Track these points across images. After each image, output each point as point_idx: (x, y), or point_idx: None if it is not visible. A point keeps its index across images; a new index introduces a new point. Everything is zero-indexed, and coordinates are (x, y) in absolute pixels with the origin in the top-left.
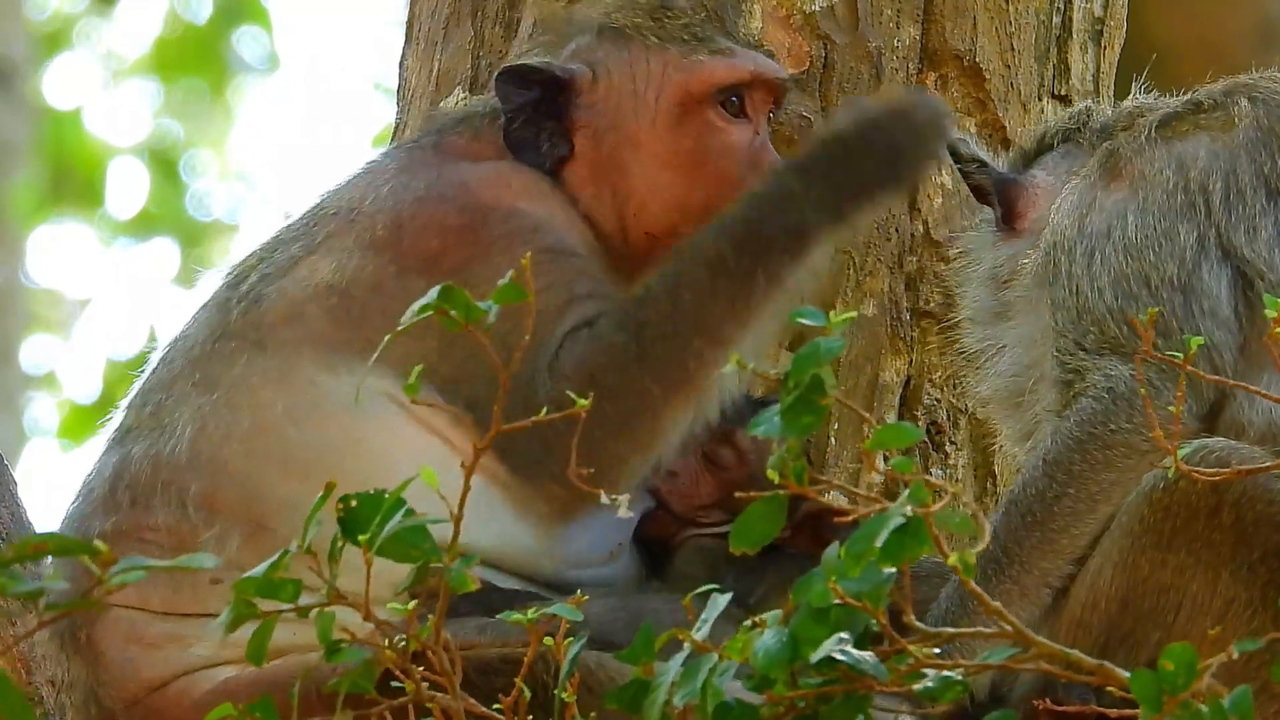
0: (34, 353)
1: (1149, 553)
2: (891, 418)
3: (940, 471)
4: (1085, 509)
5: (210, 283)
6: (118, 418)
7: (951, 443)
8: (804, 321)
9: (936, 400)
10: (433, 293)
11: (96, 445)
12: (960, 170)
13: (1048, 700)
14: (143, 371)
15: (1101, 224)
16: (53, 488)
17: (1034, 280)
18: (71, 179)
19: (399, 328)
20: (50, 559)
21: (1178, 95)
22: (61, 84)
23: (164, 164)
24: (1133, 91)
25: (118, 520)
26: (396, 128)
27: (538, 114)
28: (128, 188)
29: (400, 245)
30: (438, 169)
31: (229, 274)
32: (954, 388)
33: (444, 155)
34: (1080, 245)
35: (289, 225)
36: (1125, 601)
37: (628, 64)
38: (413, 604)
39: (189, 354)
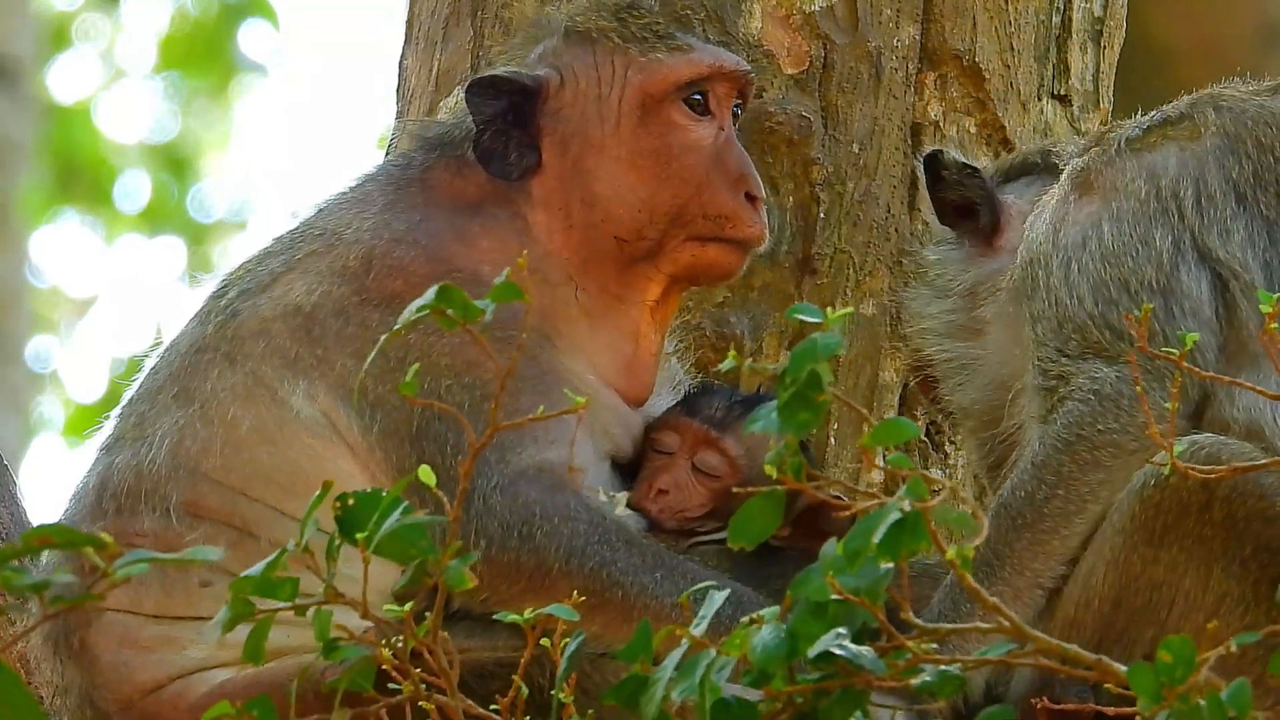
0: (39, 351)
1: (1141, 550)
2: (891, 417)
3: (940, 471)
4: (1075, 510)
5: (203, 290)
6: (107, 426)
7: (951, 442)
8: (801, 318)
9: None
10: (430, 293)
11: (88, 452)
12: (943, 179)
13: (1045, 699)
14: (134, 379)
15: (1076, 235)
16: (57, 486)
17: (1010, 296)
18: (77, 177)
19: (395, 327)
20: (43, 562)
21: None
22: (67, 81)
23: (169, 161)
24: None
25: (105, 526)
26: (395, 128)
27: (506, 123)
28: (133, 185)
29: (367, 278)
30: (422, 211)
31: (217, 284)
32: None
33: (429, 194)
34: (1056, 257)
35: (279, 236)
36: (1118, 599)
37: (592, 67)
38: (410, 605)
39: (171, 365)
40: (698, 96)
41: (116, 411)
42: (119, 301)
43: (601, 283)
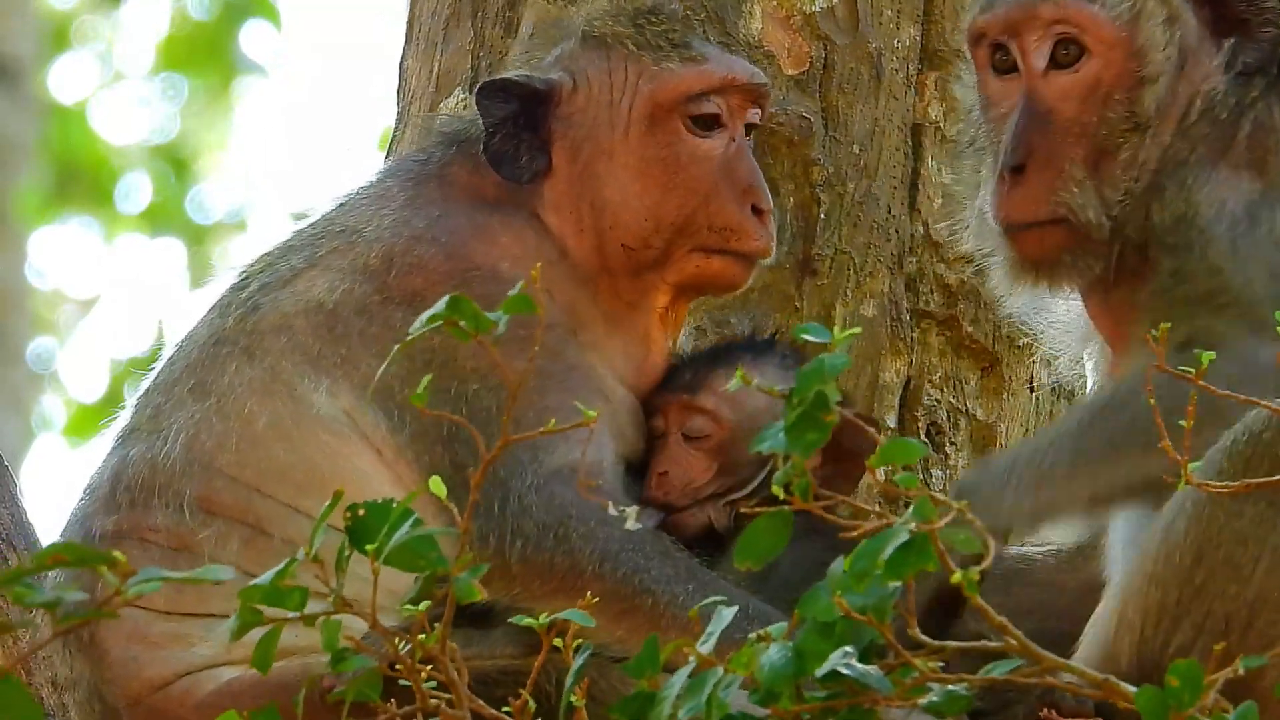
0: (40, 352)
1: (1226, 503)
2: (891, 419)
3: (940, 473)
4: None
5: (222, 282)
6: (123, 417)
7: (951, 443)
8: (808, 337)
9: (936, 401)
10: (441, 303)
11: (103, 444)
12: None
13: (1052, 711)
14: (151, 370)
15: (1241, 209)
16: (58, 487)
17: (1152, 230)
18: (77, 177)
19: (409, 336)
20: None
21: None
22: (67, 82)
23: (171, 161)
24: None
25: (118, 520)
26: (396, 129)
27: (517, 126)
28: (133, 186)
29: (388, 276)
30: (441, 207)
31: (238, 275)
32: (954, 388)
33: (447, 190)
34: (1220, 225)
35: (300, 230)
36: (1199, 554)
37: (606, 73)
38: (422, 606)
39: (188, 357)
40: (709, 107)
41: (132, 401)
42: (119, 302)
43: (614, 288)
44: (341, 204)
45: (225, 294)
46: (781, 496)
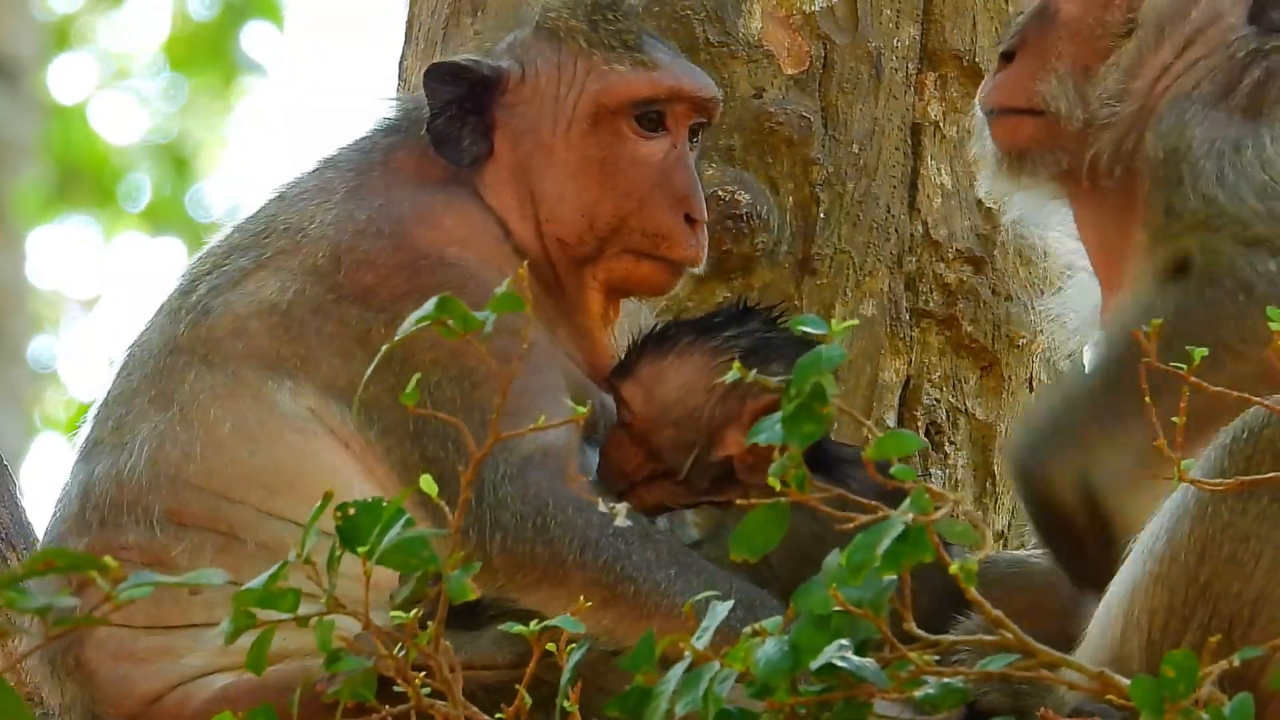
0: (39, 351)
1: (1229, 500)
2: (891, 418)
3: (940, 472)
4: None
5: (168, 285)
6: (85, 429)
7: (951, 443)
8: (805, 330)
9: (936, 400)
10: (429, 304)
11: (68, 457)
12: None
13: (1049, 710)
14: (108, 377)
15: (1228, 143)
16: (58, 487)
17: (1139, 166)
18: (77, 177)
19: (397, 338)
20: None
21: None
22: (67, 81)
23: (171, 161)
24: None
25: (90, 541)
26: None
27: (463, 110)
28: (134, 186)
29: (338, 275)
30: (383, 196)
31: (183, 278)
32: (953, 388)
33: (390, 177)
34: (1209, 159)
35: (242, 227)
36: (1203, 552)
37: (555, 66)
38: (415, 611)
39: (144, 366)
40: (653, 113)
41: (92, 414)
42: (119, 302)
43: (556, 279)
44: (281, 197)
45: (173, 298)
46: (778, 488)
